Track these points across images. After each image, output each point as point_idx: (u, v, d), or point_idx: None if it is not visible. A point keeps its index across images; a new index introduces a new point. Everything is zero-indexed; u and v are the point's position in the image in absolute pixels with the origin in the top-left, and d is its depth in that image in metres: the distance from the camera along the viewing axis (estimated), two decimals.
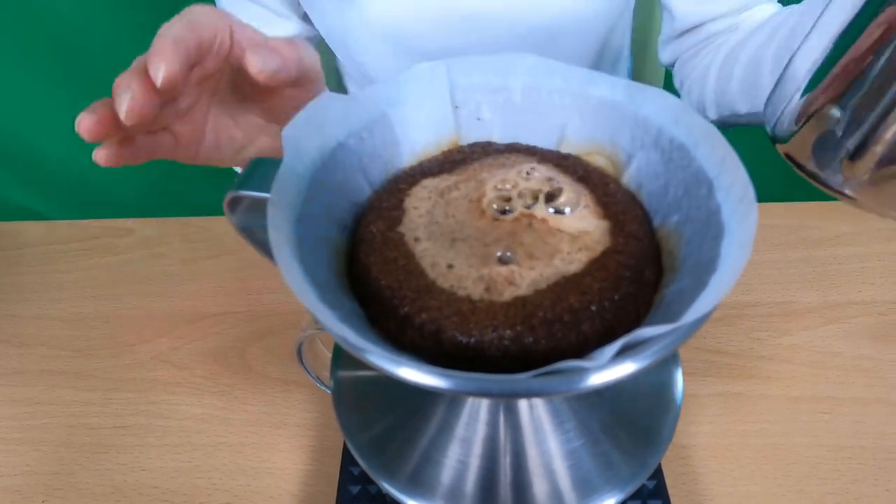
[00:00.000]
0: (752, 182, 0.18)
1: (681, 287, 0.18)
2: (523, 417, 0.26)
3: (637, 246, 0.21)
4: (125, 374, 0.43)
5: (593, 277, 0.19)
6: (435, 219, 0.22)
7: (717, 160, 0.20)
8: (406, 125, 0.25)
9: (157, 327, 0.46)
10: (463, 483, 0.26)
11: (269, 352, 0.44)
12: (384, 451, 0.28)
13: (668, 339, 0.16)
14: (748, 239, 0.17)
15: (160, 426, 0.40)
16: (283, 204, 0.19)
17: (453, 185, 0.23)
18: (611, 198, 0.22)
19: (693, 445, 0.38)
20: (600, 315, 0.18)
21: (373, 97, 0.24)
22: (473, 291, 0.20)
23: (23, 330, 0.47)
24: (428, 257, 0.21)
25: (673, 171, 0.22)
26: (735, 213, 0.18)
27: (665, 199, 0.22)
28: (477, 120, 0.26)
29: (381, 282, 0.20)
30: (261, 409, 0.41)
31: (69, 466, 0.38)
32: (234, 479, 0.37)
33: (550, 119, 0.25)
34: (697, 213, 0.20)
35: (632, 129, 0.23)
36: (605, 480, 0.25)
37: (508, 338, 0.18)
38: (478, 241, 0.21)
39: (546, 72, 0.24)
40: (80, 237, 0.54)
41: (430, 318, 0.19)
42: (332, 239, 0.22)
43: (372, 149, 0.24)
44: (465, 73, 0.25)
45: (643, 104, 0.23)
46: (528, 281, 0.19)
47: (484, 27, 0.51)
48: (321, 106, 0.22)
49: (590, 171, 0.23)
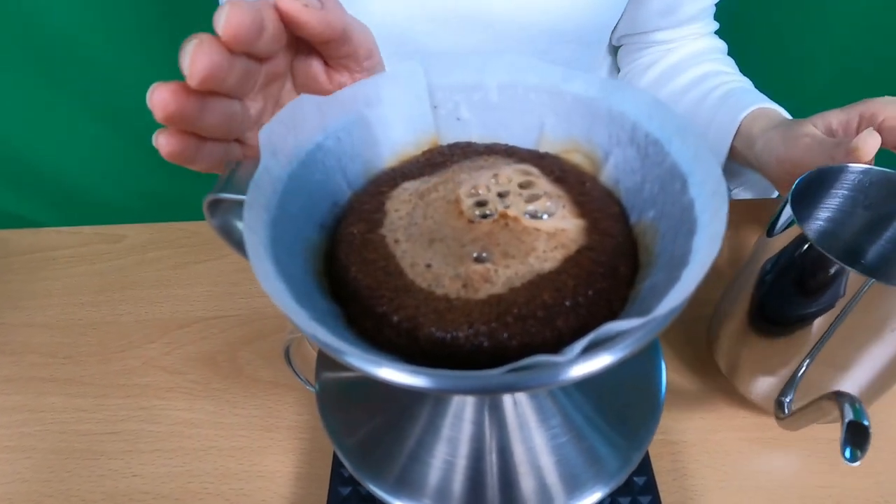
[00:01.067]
0: None
1: (655, 282, 0.19)
2: (508, 415, 0.26)
3: (611, 242, 0.21)
4: (116, 379, 0.43)
5: (567, 274, 0.19)
6: (414, 220, 0.22)
7: (691, 155, 0.20)
8: (385, 125, 0.25)
9: (148, 333, 0.46)
10: (450, 482, 0.26)
11: (260, 355, 0.44)
12: (370, 453, 0.28)
13: (640, 332, 0.16)
14: (719, 233, 0.17)
15: (151, 431, 0.40)
16: (257, 205, 0.19)
17: (433, 186, 0.23)
18: (586, 196, 0.22)
19: (683, 441, 0.38)
20: (574, 310, 0.19)
21: (350, 98, 0.24)
22: (450, 290, 0.20)
23: (13, 338, 0.47)
24: (407, 258, 0.21)
25: (649, 167, 0.22)
26: (707, 207, 0.18)
27: (641, 195, 0.22)
28: (456, 120, 0.26)
29: (360, 281, 0.20)
30: (252, 413, 0.41)
31: (60, 474, 0.38)
32: (226, 483, 0.37)
33: (528, 117, 0.25)
34: (672, 208, 0.20)
35: (608, 126, 0.23)
36: (592, 475, 0.25)
37: (483, 334, 0.18)
38: (455, 241, 0.21)
39: (521, 69, 0.25)
40: (71, 244, 0.54)
41: (407, 315, 0.19)
42: (311, 239, 0.22)
43: (351, 149, 0.24)
44: (443, 73, 0.25)
45: (618, 100, 0.23)
46: (503, 279, 0.19)
47: (484, 27, 0.52)
48: (298, 107, 0.22)
49: (566, 170, 0.24)
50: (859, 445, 0.24)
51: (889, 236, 0.35)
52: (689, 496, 0.35)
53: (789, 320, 0.32)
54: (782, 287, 0.31)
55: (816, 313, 0.30)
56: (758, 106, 0.51)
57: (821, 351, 0.31)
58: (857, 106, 0.41)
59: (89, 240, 0.54)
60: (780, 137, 0.45)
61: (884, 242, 0.36)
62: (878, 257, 0.36)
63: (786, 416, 0.31)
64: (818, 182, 0.33)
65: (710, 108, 0.55)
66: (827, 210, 0.36)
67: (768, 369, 0.34)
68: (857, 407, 0.24)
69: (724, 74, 0.57)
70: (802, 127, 0.43)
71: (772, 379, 0.34)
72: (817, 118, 0.43)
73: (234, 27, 0.21)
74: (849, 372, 0.31)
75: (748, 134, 0.50)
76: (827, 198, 0.35)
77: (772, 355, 0.33)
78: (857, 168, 0.33)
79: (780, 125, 0.47)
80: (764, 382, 0.35)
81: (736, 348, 0.36)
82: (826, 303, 0.29)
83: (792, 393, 0.33)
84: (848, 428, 0.24)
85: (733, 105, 0.52)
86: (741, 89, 0.55)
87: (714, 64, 0.59)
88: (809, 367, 0.32)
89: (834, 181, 0.34)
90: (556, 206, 0.22)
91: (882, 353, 0.30)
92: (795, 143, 0.42)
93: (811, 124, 0.43)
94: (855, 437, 0.24)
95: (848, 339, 0.30)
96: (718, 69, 0.58)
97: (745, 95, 0.53)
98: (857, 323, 0.29)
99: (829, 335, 0.30)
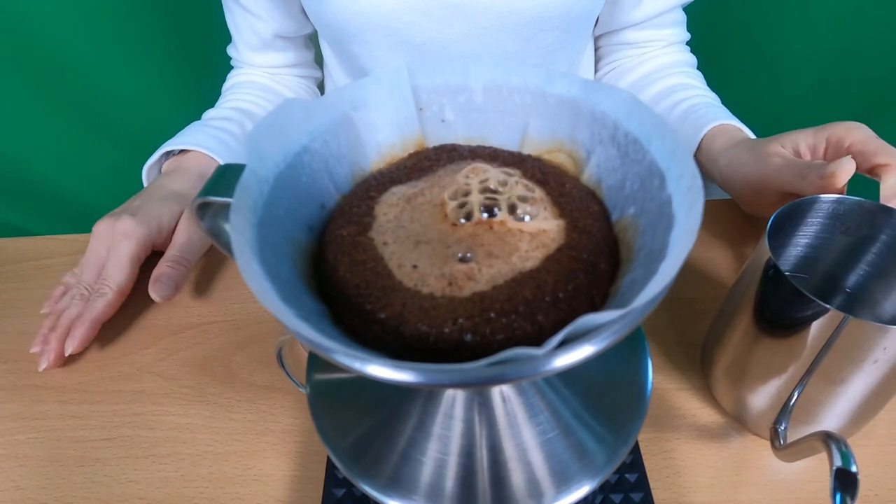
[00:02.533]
0: None
1: (634, 277, 0.19)
2: (497, 412, 0.26)
3: (589, 240, 0.21)
4: (111, 386, 0.44)
5: (548, 272, 0.20)
6: (401, 223, 0.23)
7: (669, 151, 0.20)
8: (371, 127, 0.25)
9: (143, 339, 0.47)
10: (442, 479, 0.27)
11: (254, 360, 0.45)
12: (362, 453, 0.28)
13: (617, 324, 0.16)
14: (694, 227, 0.17)
15: (146, 437, 0.40)
16: (244, 207, 0.19)
17: (419, 191, 0.24)
18: (566, 197, 0.23)
19: (675, 439, 0.38)
20: (554, 305, 0.19)
21: (335, 101, 0.24)
22: (436, 288, 0.20)
23: (7, 346, 0.47)
24: (395, 259, 0.21)
25: (629, 164, 0.22)
26: (683, 202, 0.19)
27: (622, 193, 0.23)
28: (442, 121, 0.26)
29: (349, 281, 0.21)
30: (246, 417, 0.41)
31: (55, 480, 0.38)
32: (221, 488, 0.38)
33: (512, 118, 0.26)
34: (651, 204, 0.21)
35: (590, 126, 0.24)
36: (579, 469, 0.25)
37: (467, 328, 0.19)
38: (440, 243, 0.22)
39: (505, 71, 0.25)
40: (65, 251, 0.54)
41: (394, 312, 0.20)
42: (298, 240, 0.22)
43: (337, 151, 0.24)
44: (428, 76, 0.25)
45: (599, 100, 0.23)
46: (486, 277, 0.20)
47: (466, 16, 0.53)
48: (284, 110, 0.22)
49: (546, 172, 0.24)
50: (849, 492, 0.24)
51: (869, 259, 0.36)
52: (681, 493, 0.36)
53: (774, 355, 0.32)
54: (765, 319, 0.32)
55: (798, 351, 0.30)
56: (720, 122, 0.52)
57: (807, 385, 0.32)
58: (825, 130, 0.42)
59: (83, 247, 0.53)
60: (749, 157, 0.46)
61: (865, 266, 0.36)
62: (861, 281, 0.37)
63: (782, 447, 0.32)
64: (794, 214, 0.34)
65: (674, 121, 0.56)
66: (805, 237, 0.36)
67: (761, 397, 0.35)
68: (844, 451, 0.25)
69: (691, 88, 0.59)
70: (771, 146, 0.44)
71: (765, 407, 0.35)
72: (784, 138, 0.44)
73: None
74: (836, 402, 0.32)
75: (709, 150, 0.52)
76: (804, 226, 0.36)
77: (764, 382, 0.34)
78: (831, 198, 0.34)
79: (745, 143, 0.48)
80: (756, 409, 0.36)
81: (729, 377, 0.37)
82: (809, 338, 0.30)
83: (786, 421, 0.34)
84: (836, 475, 0.24)
85: (695, 121, 0.54)
86: (705, 104, 0.56)
87: (681, 77, 0.61)
88: (800, 397, 0.32)
89: (809, 211, 0.35)
90: (538, 209, 0.22)
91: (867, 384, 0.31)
92: (766, 163, 0.43)
93: (779, 144, 0.44)
94: (844, 484, 0.24)
95: (833, 372, 0.30)
96: (685, 82, 0.60)
97: (708, 111, 0.54)
98: (839, 356, 0.29)
99: (815, 366, 0.30)
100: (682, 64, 0.63)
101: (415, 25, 0.53)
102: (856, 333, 0.28)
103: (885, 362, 0.29)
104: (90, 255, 0.47)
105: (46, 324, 0.45)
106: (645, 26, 0.62)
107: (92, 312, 0.44)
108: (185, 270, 0.48)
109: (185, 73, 0.89)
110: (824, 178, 0.38)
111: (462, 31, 0.53)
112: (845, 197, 0.34)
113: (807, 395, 0.32)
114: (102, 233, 0.47)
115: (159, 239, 0.49)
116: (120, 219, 0.47)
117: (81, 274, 0.47)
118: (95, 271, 0.47)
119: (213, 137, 0.56)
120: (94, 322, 0.44)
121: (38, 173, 0.92)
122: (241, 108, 0.62)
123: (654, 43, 0.63)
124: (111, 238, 0.47)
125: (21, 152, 0.89)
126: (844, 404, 0.32)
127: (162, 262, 0.48)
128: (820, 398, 0.32)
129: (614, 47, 0.65)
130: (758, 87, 0.53)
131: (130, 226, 0.47)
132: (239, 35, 0.64)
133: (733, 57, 0.79)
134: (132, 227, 0.47)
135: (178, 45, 0.86)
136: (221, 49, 0.69)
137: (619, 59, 0.65)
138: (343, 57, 0.62)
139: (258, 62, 0.66)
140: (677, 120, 0.56)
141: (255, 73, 0.67)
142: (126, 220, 0.47)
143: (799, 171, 0.40)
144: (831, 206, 0.34)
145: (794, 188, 0.41)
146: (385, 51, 0.55)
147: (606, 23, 0.63)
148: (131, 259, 0.46)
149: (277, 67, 0.67)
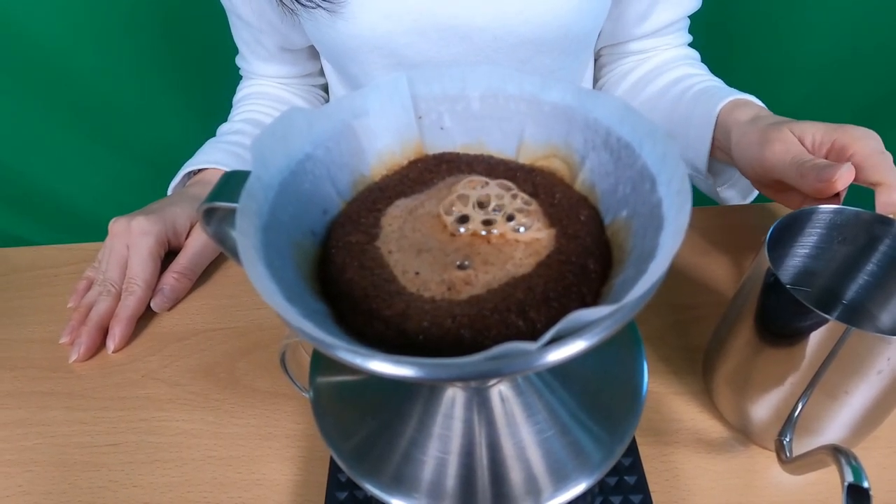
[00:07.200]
0: None
1: (625, 277, 0.20)
2: (496, 411, 0.27)
3: (578, 244, 0.23)
4: (116, 392, 0.44)
5: (539, 276, 0.21)
6: (405, 233, 0.24)
7: (659, 156, 0.21)
8: (371, 135, 0.26)
9: (147, 346, 0.47)
10: (443, 478, 0.27)
11: (258, 366, 0.45)
12: (365, 454, 0.28)
13: (608, 320, 0.17)
14: (681, 228, 0.18)
15: (151, 442, 0.41)
16: (249, 212, 0.20)
17: (420, 203, 0.25)
18: (556, 207, 0.24)
19: (675, 442, 0.38)
20: (545, 303, 0.20)
21: (336, 109, 0.25)
22: (436, 292, 0.21)
23: (14, 353, 0.47)
24: (399, 266, 0.23)
25: (622, 169, 0.23)
26: (673, 204, 0.19)
27: (615, 196, 0.23)
28: (440, 129, 0.27)
29: (356, 283, 0.22)
30: (250, 422, 0.42)
31: (61, 486, 0.39)
32: (225, 492, 0.38)
33: (508, 125, 0.27)
34: (643, 207, 0.21)
35: (583, 132, 0.25)
36: (576, 467, 0.26)
37: (465, 325, 0.20)
38: (440, 251, 0.23)
39: (501, 80, 0.26)
40: (72, 260, 0.55)
41: (398, 311, 0.21)
42: (302, 244, 0.23)
43: (339, 158, 0.25)
44: (426, 84, 0.26)
45: (592, 107, 0.24)
46: (482, 282, 0.21)
47: (468, 39, 0.53)
48: (287, 119, 0.23)
49: (537, 184, 0.25)
50: None
51: (869, 269, 0.36)
52: (680, 496, 0.36)
53: (776, 367, 0.32)
54: (766, 330, 0.32)
55: (800, 362, 0.30)
56: (734, 97, 0.52)
57: (811, 396, 0.31)
58: (836, 131, 0.41)
59: (89, 256, 0.54)
60: (756, 137, 0.45)
61: (864, 276, 0.37)
62: (860, 290, 0.37)
63: (789, 459, 0.31)
64: (793, 224, 0.34)
65: (688, 104, 0.56)
66: (804, 247, 0.37)
67: (763, 408, 0.35)
68: (854, 466, 0.25)
69: (698, 76, 0.59)
70: (780, 132, 0.43)
71: (767, 418, 0.35)
72: (796, 125, 0.43)
73: None
74: (841, 413, 0.32)
75: (725, 123, 0.51)
76: (803, 237, 0.36)
77: (767, 393, 0.34)
78: (829, 209, 0.34)
79: (757, 122, 0.47)
80: (759, 420, 0.36)
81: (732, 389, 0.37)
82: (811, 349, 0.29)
83: (790, 433, 0.33)
84: (849, 491, 0.24)
85: (709, 99, 0.53)
86: (715, 87, 0.56)
87: (687, 68, 0.61)
88: (805, 408, 0.32)
89: (808, 222, 0.35)
90: (532, 220, 0.23)
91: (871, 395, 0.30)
92: (771, 148, 0.43)
93: (788, 129, 0.43)
94: (856, 500, 0.24)
95: (837, 384, 0.30)
96: (692, 72, 0.60)
97: (720, 91, 0.54)
98: (843, 367, 0.29)
99: (819, 378, 0.30)
100: (686, 57, 0.63)
101: (411, 47, 0.54)
102: (859, 345, 0.28)
103: (889, 373, 0.29)
104: (111, 252, 0.50)
105: (76, 316, 0.48)
106: (649, 37, 0.62)
107: (127, 310, 0.47)
108: (188, 283, 0.51)
109: (186, 82, 0.90)
110: (822, 181, 0.38)
111: (458, 53, 0.54)
112: (844, 207, 0.34)
113: (811, 406, 0.32)
114: (120, 230, 0.50)
115: (174, 238, 0.51)
116: (135, 218, 0.50)
117: (106, 271, 0.49)
118: (119, 268, 0.49)
119: (229, 153, 0.58)
120: (130, 319, 0.47)
121: (39, 183, 0.93)
122: (252, 120, 0.64)
123: (658, 49, 0.63)
124: (128, 236, 0.49)
125: (21, 162, 0.90)
126: (849, 415, 0.32)
127: (169, 271, 0.50)
128: (824, 409, 0.32)
129: (616, 56, 0.66)
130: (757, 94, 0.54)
131: (146, 224, 0.49)
132: (246, 47, 0.65)
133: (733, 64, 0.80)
134: (148, 224, 0.49)
135: (179, 54, 0.87)
136: (223, 58, 0.70)
137: (621, 65, 0.66)
138: (342, 74, 0.63)
139: (267, 72, 0.67)
140: (690, 102, 0.56)
141: (264, 83, 0.68)
142: (140, 218, 0.49)
143: (799, 168, 0.40)
144: (830, 217, 0.34)
145: (793, 183, 0.41)
146: (382, 70, 0.56)
147: (609, 37, 0.63)
148: (152, 255, 0.49)
149: (286, 77, 0.68)
